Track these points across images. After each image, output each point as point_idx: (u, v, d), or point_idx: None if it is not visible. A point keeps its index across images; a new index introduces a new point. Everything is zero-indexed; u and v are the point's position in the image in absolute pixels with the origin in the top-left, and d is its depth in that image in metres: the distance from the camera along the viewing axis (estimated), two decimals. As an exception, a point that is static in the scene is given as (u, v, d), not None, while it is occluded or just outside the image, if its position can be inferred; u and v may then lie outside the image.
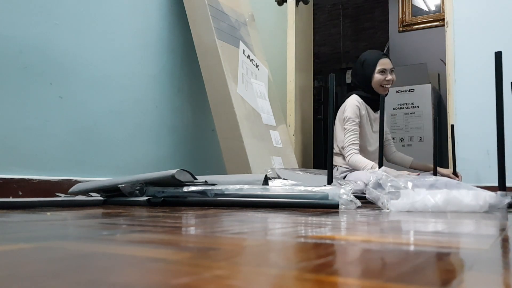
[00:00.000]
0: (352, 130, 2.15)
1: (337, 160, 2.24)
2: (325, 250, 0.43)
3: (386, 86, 2.17)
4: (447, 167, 2.41)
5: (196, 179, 1.31)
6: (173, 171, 1.23)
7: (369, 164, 2.04)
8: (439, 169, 2.16)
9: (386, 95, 2.23)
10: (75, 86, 1.61)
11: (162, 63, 2.03)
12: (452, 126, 2.31)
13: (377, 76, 2.17)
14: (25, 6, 1.46)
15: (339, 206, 1.08)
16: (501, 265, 0.36)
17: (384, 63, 2.18)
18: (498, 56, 1.19)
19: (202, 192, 1.21)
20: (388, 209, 1.05)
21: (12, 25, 1.42)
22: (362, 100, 2.21)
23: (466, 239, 0.53)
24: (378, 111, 2.24)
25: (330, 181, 1.38)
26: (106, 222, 0.70)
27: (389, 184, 1.09)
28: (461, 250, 0.44)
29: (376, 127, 2.27)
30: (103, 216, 0.81)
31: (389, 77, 2.16)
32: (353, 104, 2.18)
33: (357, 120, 2.17)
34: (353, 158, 2.12)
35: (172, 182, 1.24)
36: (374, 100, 2.22)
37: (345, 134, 2.17)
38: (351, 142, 2.14)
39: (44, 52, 1.51)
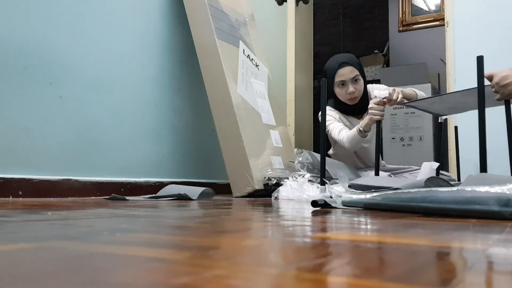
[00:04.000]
0: (336, 127, 1.92)
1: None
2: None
3: (351, 99, 1.91)
4: (447, 167, 2.41)
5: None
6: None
7: (355, 128, 1.82)
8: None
9: (358, 104, 1.95)
10: (75, 86, 1.61)
11: (162, 63, 2.03)
12: (456, 127, 2.31)
13: (337, 91, 1.92)
14: (25, 6, 1.46)
15: None
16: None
17: (342, 74, 1.88)
18: (480, 60, 1.21)
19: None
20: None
21: (12, 25, 1.42)
22: (336, 110, 1.99)
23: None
24: (363, 115, 2.01)
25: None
26: (106, 222, 0.70)
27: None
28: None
29: (370, 134, 1.98)
30: (103, 216, 0.81)
31: (350, 89, 1.87)
32: (326, 114, 1.89)
33: (337, 121, 1.94)
34: (344, 136, 1.86)
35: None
36: (350, 107, 1.96)
37: (331, 132, 1.93)
38: (340, 130, 1.90)
39: (44, 52, 1.51)
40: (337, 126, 1.92)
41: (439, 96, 1.73)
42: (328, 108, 1.99)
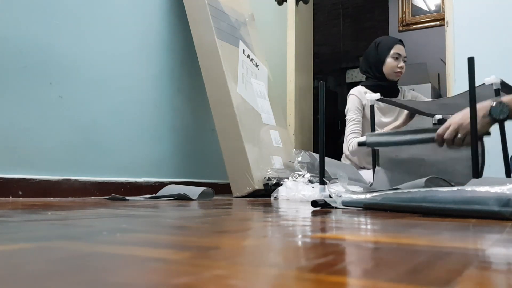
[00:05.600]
0: (352, 119, 2.04)
1: (346, 162, 2.19)
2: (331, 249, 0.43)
3: (398, 72, 2.07)
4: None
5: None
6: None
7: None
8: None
9: (396, 82, 2.12)
10: (75, 86, 1.61)
11: (162, 63, 2.03)
12: None
13: (390, 61, 2.06)
14: (25, 6, 1.46)
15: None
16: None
17: (400, 48, 2.08)
18: (471, 61, 1.20)
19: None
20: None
21: (12, 25, 1.42)
22: (367, 90, 2.07)
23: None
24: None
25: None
26: (106, 222, 0.70)
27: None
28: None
29: (389, 116, 2.12)
30: (103, 216, 0.81)
31: (401, 64, 2.07)
32: (351, 96, 2.09)
33: (357, 110, 2.05)
34: (354, 143, 1.96)
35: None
36: (384, 88, 2.06)
37: (346, 126, 2.06)
38: (351, 131, 2.03)
39: (44, 52, 1.51)
40: (354, 122, 2.05)
41: (432, 101, 1.72)
42: (356, 88, 2.13)
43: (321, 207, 1.10)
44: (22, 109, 1.43)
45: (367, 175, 1.96)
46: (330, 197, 1.25)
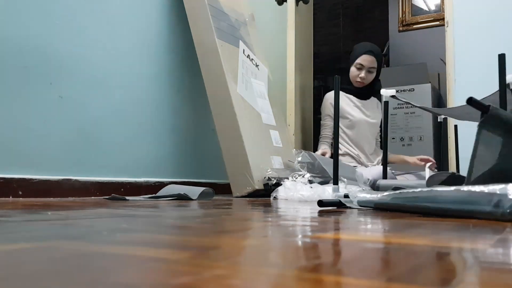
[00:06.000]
0: (324, 125, 2.35)
1: (341, 159, 2.23)
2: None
3: (359, 82, 2.24)
4: (447, 167, 2.41)
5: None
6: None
7: (318, 151, 2.24)
8: (406, 157, 2.29)
9: (361, 88, 2.29)
10: (75, 86, 1.61)
11: (162, 63, 2.03)
12: (456, 126, 2.30)
13: (352, 70, 2.25)
14: (24, 6, 1.46)
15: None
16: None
17: (364, 59, 2.20)
18: (502, 58, 1.19)
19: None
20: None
21: (12, 25, 1.42)
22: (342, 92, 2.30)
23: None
24: (369, 99, 2.34)
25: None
26: (106, 222, 0.70)
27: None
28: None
29: (370, 113, 2.33)
30: (103, 216, 0.81)
31: (362, 75, 2.21)
32: (324, 101, 2.37)
33: (328, 115, 2.32)
34: (319, 148, 2.32)
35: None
36: (353, 92, 2.29)
37: (321, 126, 2.38)
38: (321, 136, 2.35)
39: (44, 52, 1.51)
40: (326, 129, 2.35)
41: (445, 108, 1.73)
42: (327, 94, 2.39)
43: (326, 207, 1.10)
44: (22, 109, 1.43)
45: (364, 171, 1.97)
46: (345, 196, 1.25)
